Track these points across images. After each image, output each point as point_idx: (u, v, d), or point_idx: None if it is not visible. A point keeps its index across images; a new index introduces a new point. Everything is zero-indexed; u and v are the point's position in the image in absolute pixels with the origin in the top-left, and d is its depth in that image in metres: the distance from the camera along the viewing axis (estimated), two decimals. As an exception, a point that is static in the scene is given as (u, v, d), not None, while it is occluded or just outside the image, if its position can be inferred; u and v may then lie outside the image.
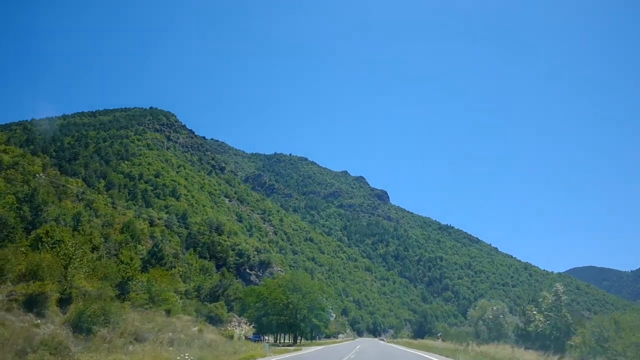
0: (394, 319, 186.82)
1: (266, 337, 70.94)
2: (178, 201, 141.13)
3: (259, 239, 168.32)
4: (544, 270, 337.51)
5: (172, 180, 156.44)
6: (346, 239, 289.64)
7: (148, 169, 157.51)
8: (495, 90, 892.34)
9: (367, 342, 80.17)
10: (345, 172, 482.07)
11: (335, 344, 68.89)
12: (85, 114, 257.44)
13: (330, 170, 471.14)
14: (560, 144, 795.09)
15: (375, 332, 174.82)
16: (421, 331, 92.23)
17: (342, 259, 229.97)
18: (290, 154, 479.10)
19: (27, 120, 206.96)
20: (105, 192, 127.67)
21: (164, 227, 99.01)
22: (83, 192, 78.49)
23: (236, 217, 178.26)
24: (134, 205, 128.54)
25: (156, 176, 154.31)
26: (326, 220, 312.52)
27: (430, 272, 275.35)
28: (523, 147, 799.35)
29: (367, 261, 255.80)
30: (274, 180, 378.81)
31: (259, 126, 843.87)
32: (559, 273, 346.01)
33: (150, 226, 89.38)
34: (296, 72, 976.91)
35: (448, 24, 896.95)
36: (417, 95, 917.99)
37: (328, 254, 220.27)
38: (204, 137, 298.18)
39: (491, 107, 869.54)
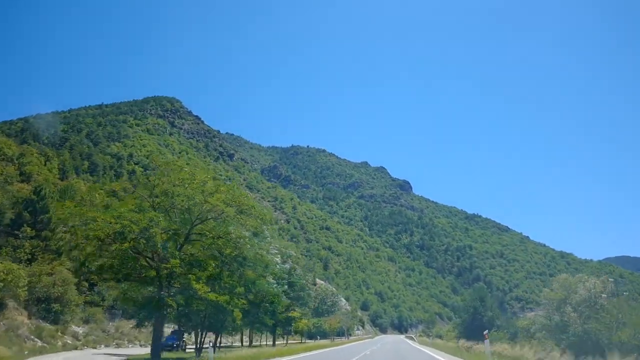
0: (422, 312, 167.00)
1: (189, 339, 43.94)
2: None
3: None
4: (583, 258, 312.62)
5: (167, 162, 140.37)
6: (367, 229, 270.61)
7: (140, 150, 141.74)
8: (519, 75, 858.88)
9: (384, 343, 57.55)
10: (366, 163, 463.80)
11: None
12: (92, 107, 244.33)
13: (349, 161, 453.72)
14: (592, 130, 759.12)
15: (400, 327, 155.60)
16: (475, 325, 53.06)
17: (362, 249, 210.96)
18: (307, 146, 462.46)
19: (31, 116, 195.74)
20: (88, 174, 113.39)
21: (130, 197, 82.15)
22: (22, 155, 62.03)
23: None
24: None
25: (148, 157, 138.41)
26: (345, 211, 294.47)
27: (459, 262, 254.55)
28: (549, 134, 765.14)
29: (389, 251, 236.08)
30: (291, 172, 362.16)
31: (275, 120, 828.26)
32: (599, 261, 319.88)
33: (107, 197, 72.44)
34: (312, 64, 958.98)
35: (474, 8, 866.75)
36: (437, 84, 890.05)
37: (347, 243, 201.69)
38: (218, 130, 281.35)
39: (517, 93, 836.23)
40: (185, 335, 42.54)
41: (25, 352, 24.48)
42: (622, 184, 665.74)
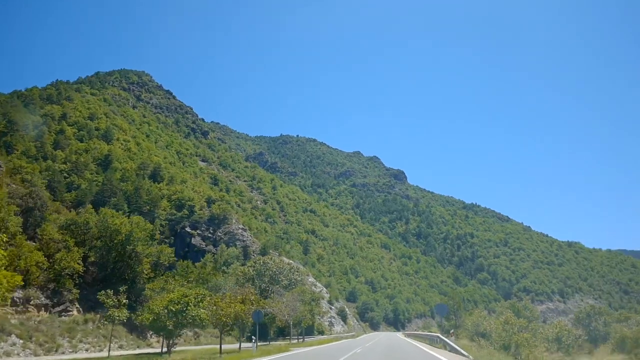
0: (422, 305, 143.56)
1: None
2: (109, 145, 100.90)
3: (239, 205, 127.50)
4: (591, 247, 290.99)
5: (112, 124, 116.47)
6: (359, 217, 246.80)
7: (81, 111, 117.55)
8: (515, 62, 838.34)
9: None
10: (358, 152, 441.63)
11: None
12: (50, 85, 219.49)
13: (341, 150, 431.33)
14: (603, 115, 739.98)
15: (396, 323, 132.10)
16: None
17: (352, 234, 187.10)
18: (297, 136, 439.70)
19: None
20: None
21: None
22: None
23: (210, 180, 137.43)
24: (35, 149, 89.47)
25: (90, 119, 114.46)
26: (335, 199, 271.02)
27: (460, 251, 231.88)
28: (557, 121, 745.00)
29: (383, 237, 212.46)
30: (278, 160, 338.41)
31: (265, 110, 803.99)
32: (609, 250, 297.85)
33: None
34: (304, 55, 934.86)
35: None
36: (431, 72, 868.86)
37: (334, 227, 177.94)
38: (202, 119, 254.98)
39: (514, 80, 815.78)
40: None
41: None
42: (623, 179, 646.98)
